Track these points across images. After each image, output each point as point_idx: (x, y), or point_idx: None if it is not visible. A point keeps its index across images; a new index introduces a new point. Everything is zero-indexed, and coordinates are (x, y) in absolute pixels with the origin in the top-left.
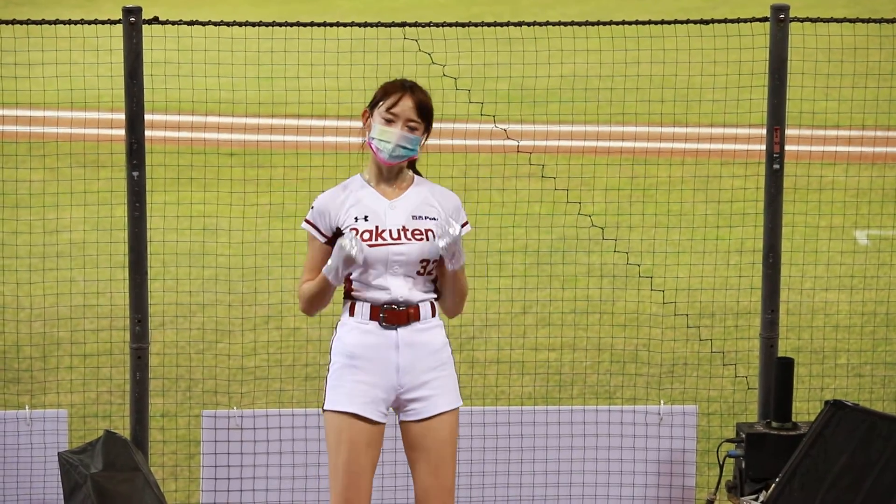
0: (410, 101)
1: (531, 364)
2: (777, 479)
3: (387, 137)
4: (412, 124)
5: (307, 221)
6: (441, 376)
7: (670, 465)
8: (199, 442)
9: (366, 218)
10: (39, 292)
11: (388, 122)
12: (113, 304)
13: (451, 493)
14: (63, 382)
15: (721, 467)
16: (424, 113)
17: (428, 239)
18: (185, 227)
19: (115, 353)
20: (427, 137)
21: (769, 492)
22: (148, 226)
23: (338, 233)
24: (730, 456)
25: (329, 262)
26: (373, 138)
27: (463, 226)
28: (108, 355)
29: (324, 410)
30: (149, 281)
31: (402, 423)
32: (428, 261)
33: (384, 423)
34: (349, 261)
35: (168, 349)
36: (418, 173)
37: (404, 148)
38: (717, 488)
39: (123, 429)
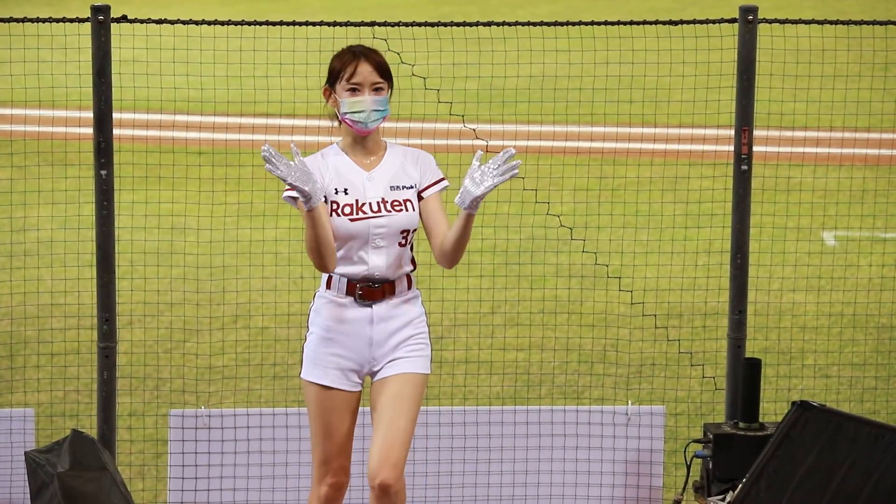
0: (368, 65)
1: (499, 364)
2: (744, 480)
3: (358, 108)
4: (377, 86)
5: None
6: (411, 345)
7: (637, 466)
8: (166, 441)
9: (346, 191)
10: (7, 291)
11: (354, 91)
12: (80, 303)
13: (399, 450)
14: (30, 381)
15: (688, 467)
16: (384, 72)
17: (407, 210)
18: (154, 226)
19: (82, 352)
20: (391, 94)
21: (736, 492)
22: (116, 224)
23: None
24: (697, 456)
25: (300, 198)
26: (345, 114)
27: (440, 181)
28: (76, 354)
29: (301, 377)
30: (116, 280)
31: (372, 384)
32: (408, 231)
33: (359, 391)
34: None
35: (136, 348)
36: None
37: (377, 111)
38: (684, 489)
39: (91, 428)
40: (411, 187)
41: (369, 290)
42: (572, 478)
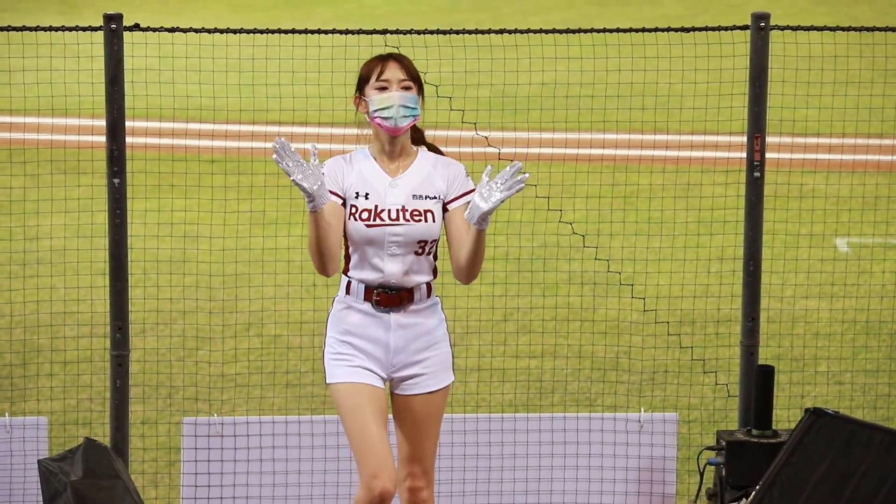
0: (395, 64)
1: (512, 371)
2: (757, 487)
3: (387, 104)
4: (405, 84)
5: None
6: (433, 355)
7: (651, 473)
8: (179, 449)
9: (366, 196)
10: (20, 299)
11: (382, 89)
12: (93, 311)
13: (429, 459)
14: (43, 389)
15: (701, 475)
16: (412, 73)
17: (426, 220)
18: (166, 234)
19: (95, 360)
20: (423, 100)
21: (749, 499)
22: (129, 233)
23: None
24: (710, 463)
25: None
26: (375, 112)
27: (466, 193)
28: (89, 362)
29: (327, 384)
30: (129, 288)
31: (392, 393)
32: (426, 241)
33: (384, 389)
34: (305, 172)
35: (148, 356)
36: (434, 148)
37: (406, 107)
38: (697, 496)
39: (104, 436)
40: (436, 198)
41: (386, 297)
42: (585, 485)
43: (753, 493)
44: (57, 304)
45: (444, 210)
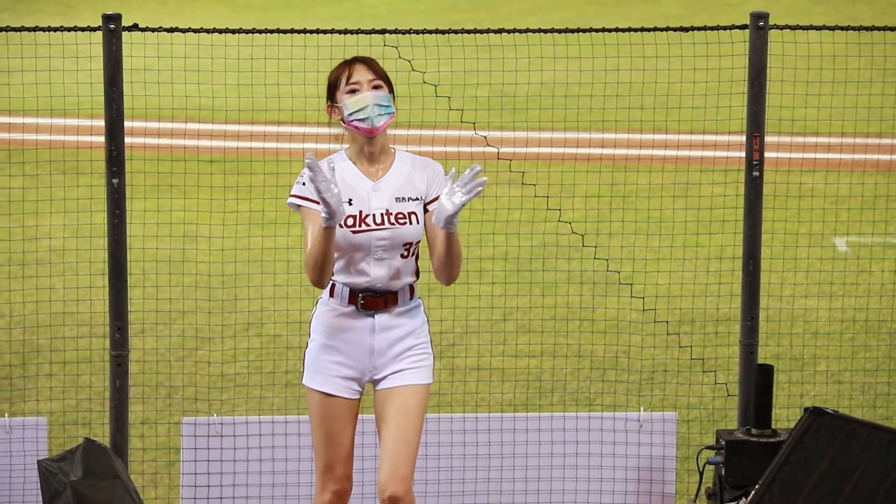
0: (362, 66)
1: (511, 371)
2: (757, 486)
3: (360, 105)
4: (375, 83)
5: (298, 196)
6: (415, 355)
7: (650, 472)
8: (178, 449)
9: (350, 202)
10: (19, 299)
11: (353, 92)
12: (93, 312)
13: (407, 465)
14: (43, 390)
15: (701, 474)
16: (380, 72)
17: (411, 222)
18: (165, 234)
19: (94, 360)
20: (395, 99)
21: (748, 499)
22: (128, 233)
23: None
24: (710, 463)
25: (322, 213)
26: (350, 115)
27: None
28: (88, 363)
29: (302, 383)
30: (129, 288)
31: (374, 392)
32: (411, 243)
33: (359, 398)
34: (328, 188)
35: (148, 356)
36: None
37: (381, 106)
38: (696, 495)
39: (103, 436)
40: (417, 199)
41: (371, 300)
42: (584, 484)
43: (753, 492)
44: (56, 304)
45: (424, 210)
